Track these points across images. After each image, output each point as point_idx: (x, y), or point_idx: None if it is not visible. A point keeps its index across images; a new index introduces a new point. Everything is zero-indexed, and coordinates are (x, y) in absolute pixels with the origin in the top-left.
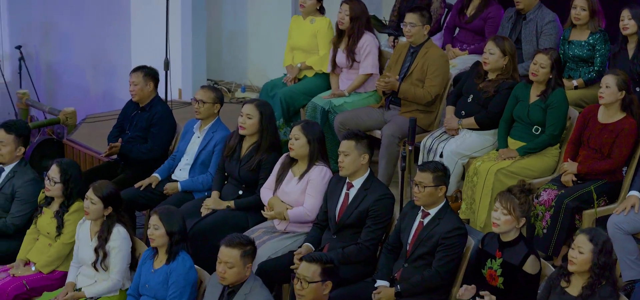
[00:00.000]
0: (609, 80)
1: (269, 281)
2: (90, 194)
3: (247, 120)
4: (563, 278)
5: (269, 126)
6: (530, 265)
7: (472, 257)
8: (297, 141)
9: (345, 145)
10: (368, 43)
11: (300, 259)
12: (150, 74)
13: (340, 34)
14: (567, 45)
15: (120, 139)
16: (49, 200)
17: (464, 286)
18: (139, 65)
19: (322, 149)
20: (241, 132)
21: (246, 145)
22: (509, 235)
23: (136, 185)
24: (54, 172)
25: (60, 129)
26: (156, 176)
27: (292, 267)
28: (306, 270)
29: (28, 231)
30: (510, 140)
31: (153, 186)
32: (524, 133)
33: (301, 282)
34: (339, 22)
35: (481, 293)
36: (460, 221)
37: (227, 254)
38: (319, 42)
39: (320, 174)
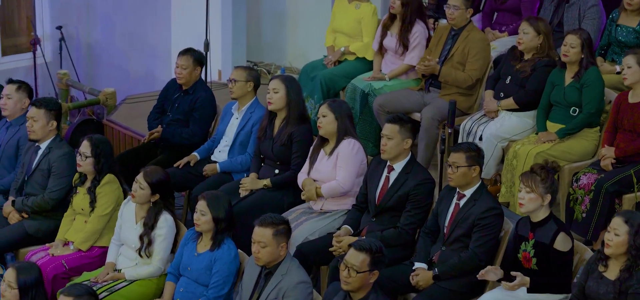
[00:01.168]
0: (630, 61)
1: (306, 263)
2: (139, 178)
3: (274, 95)
4: (601, 262)
5: (295, 99)
6: (560, 242)
7: (510, 242)
8: (325, 118)
9: (389, 129)
10: (419, 34)
11: (349, 246)
12: (198, 58)
13: (392, 17)
14: (614, 27)
15: (160, 126)
16: (82, 180)
17: (488, 267)
18: (187, 48)
19: (350, 125)
20: (269, 107)
21: (277, 122)
22: (539, 215)
23: (175, 165)
24: (85, 147)
25: (100, 109)
26: (195, 155)
27: (330, 249)
28: (355, 258)
29: (65, 213)
30: (549, 123)
31: (191, 164)
32: (562, 116)
33: (349, 270)
34: (390, 6)
35: (513, 273)
36: (495, 201)
37: (260, 234)
38: (363, 29)
39: (348, 146)
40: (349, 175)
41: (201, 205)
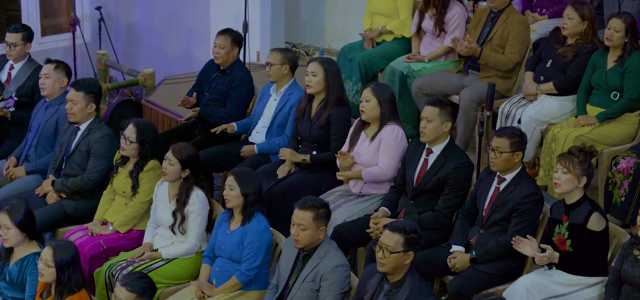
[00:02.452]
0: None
1: (344, 244)
2: (169, 154)
3: (313, 78)
4: (636, 246)
5: (334, 82)
6: (594, 222)
7: (546, 225)
8: (368, 103)
9: (429, 112)
10: (458, 15)
11: (384, 227)
12: (237, 38)
13: (426, 1)
14: None
15: (197, 108)
16: (124, 160)
17: (523, 240)
18: (225, 28)
19: (393, 110)
20: (308, 90)
21: (315, 104)
22: (573, 197)
23: (212, 130)
24: (130, 132)
25: (139, 90)
26: (232, 124)
27: (368, 230)
28: (389, 239)
29: (104, 192)
30: (589, 107)
31: (229, 131)
32: (603, 99)
33: (383, 251)
34: None
35: (542, 246)
36: (536, 187)
37: (300, 216)
38: (399, 6)
39: (392, 133)
40: (391, 162)
41: (230, 180)
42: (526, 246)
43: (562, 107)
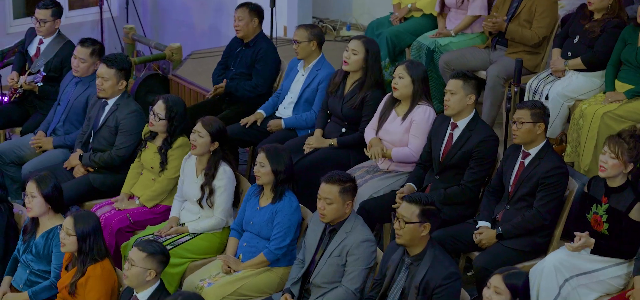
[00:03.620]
0: None
1: (370, 220)
2: (198, 127)
3: (352, 56)
4: None
5: (374, 64)
6: (636, 212)
7: (577, 201)
8: (402, 80)
9: (452, 85)
10: None
11: (402, 199)
12: (255, 9)
13: None
14: None
15: (224, 80)
16: (153, 135)
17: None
18: (244, 1)
19: (426, 89)
20: (345, 67)
21: (350, 82)
22: (616, 181)
23: (241, 123)
24: (159, 108)
25: (166, 64)
26: (261, 112)
27: (394, 206)
28: (406, 210)
29: (132, 165)
30: (617, 83)
31: (258, 123)
32: (632, 76)
33: (400, 221)
34: None
35: (577, 234)
36: (561, 160)
37: (327, 190)
38: None
39: (424, 114)
40: (421, 144)
41: (261, 157)
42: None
43: (590, 83)
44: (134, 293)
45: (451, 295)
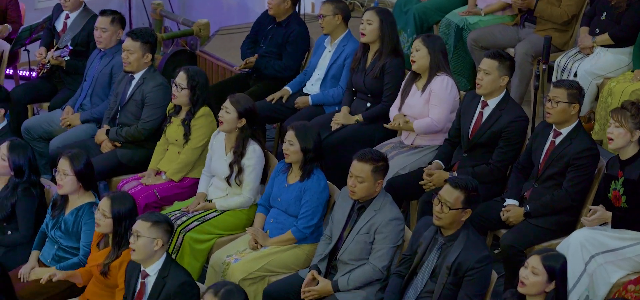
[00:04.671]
0: None
1: (397, 196)
2: (226, 103)
3: (368, 26)
4: None
5: (389, 31)
6: None
7: (601, 181)
8: (418, 52)
9: (487, 64)
10: None
11: (445, 181)
12: None
13: None
14: None
15: (256, 55)
16: (177, 109)
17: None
18: None
19: (445, 61)
20: (362, 39)
21: (371, 54)
22: (627, 152)
23: (268, 99)
24: (181, 78)
25: (194, 40)
26: (287, 89)
27: (421, 183)
28: (449, 194)
29: (158, 143)
30: None
31: (284, 100)
32: None
33: (442, 205)
34: None
35: (591, 207)
36: (592, 141)
37: (359, 168)
38: None
39: (442, 83)
40: (442, 113)
41: (290, 135)
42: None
43: (618, 61)
44: (142, 268)
45: (482, 279)
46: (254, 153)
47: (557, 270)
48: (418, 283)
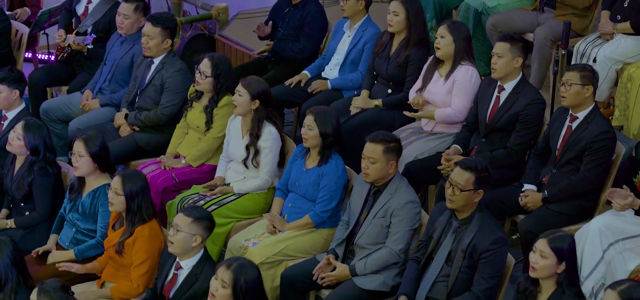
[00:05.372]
0: None
1: (415, 181)
2: (238, 86)
3: (394, 18)
4: None
5: (416, 22)
6: None
7: (623, 165)
8: (443, 40)
9: (499, 47)
10: None
11: (455, 164)
12: None
13: None
14: None
15: (270, 42)
16: (199, 94)
17: (615, 190)
18: None
19: (469, 49)
20: (390, 29)
21: (396, 43)
22: None
23: (286, 83)
24: (205, 66)
25: (212, 24)
26: (306, 73)
27: (439, 168)
28: (460, 176)
29: (178, 126)
30: None
31: (302, 84)
32: None
33: (453, 188)
34: None
35: (624, 188)
36: (609, 125)
37: (371, 149)
38: None
39: (466, 74)
40: (464, 104)
41: (308, 119)
42: (615, 195)
43: (638, 47)
44: (177, 260)
45: (498, 261)
46: (270, 134)
47: (565, 250)
48: (434, 268)
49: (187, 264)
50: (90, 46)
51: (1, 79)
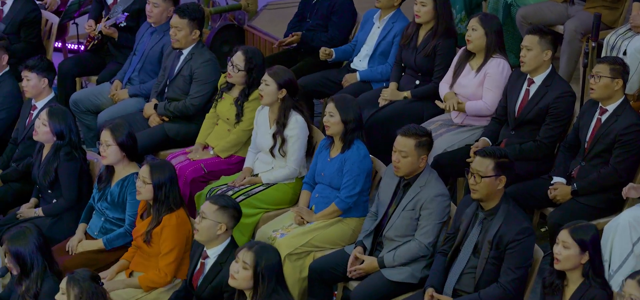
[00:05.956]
0: None
1: (444, 174)
2: (265, 76)
3: (422, 8)
4: None
5: (443, 11)
6: None
7: None
8: (475, 32)
9: (529, 40)
10: None
11: (475, 153)
12: None
13: None
14: None
15: (299, 32)
16: (229, 86)
17: (630, 184)
18: None
19: (500, 42)
20: (417, 20)
21: (423, 33)
22: None
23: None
24: (238, 59)
25: (241, 14)
26: (331, 50)
27: (468, 160)
28: (480, 164)
29: (207, 116)
30: None
31: (328, 58)
32: None
33: (474, 177)
34: None
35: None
36: (638, 117)
37: (402, 143)
38: None
39: (498, 67)
40: (495, 97)
41: (330, 107)
42: (631, 190)
43: None
44: (204, 248)
45: (524, 251)
46: (296, 123)
47: (587, 241)
48: (461, 260)
49: (213, 253)
50: (123, 24)
51: (30, 66)
